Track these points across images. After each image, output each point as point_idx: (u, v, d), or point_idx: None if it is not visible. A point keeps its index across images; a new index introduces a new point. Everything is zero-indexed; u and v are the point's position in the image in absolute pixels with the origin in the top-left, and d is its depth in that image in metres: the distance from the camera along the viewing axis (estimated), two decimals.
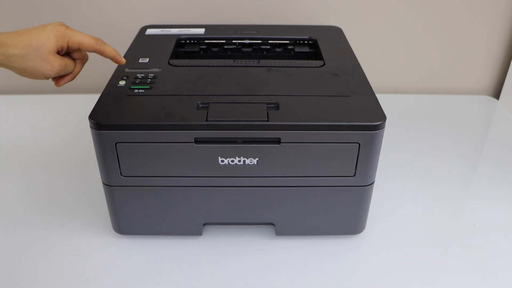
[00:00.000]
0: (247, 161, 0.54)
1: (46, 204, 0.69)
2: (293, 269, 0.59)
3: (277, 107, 0.54)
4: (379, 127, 0.53)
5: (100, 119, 0.52)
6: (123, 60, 0.59)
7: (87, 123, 0.53)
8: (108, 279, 0.57)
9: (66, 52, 0.55)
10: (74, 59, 0.56)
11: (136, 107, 0.54)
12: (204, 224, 0.63)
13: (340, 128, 0.52)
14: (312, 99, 0.56)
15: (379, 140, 0.54)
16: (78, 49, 0.55)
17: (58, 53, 0.53)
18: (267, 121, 0.52)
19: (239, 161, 0.54)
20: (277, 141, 0.53)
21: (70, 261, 0.60)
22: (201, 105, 0.54)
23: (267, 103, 0.55)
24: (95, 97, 0.56)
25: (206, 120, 0.52)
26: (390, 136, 0.77)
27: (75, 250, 0.61)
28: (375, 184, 0.59)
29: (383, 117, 0.53)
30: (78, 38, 0.53)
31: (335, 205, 0.59)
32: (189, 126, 0.51)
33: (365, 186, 0.58)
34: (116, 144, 0.52)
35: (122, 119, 0.52)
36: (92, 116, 0.52)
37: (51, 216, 0.66)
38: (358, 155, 0.54)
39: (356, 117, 0.53)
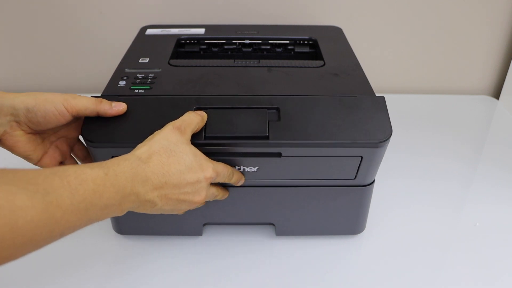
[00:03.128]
0: (247, 169, 0.54)
1: None
2: (293, 269, 0.59)
3: (278, 115, 0.52)
4: (384, 143, 0.51)
5: (93, 137, 0.51)
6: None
7: None
8: (108, 279, 0.57)
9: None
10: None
11: (129, 122, 0.52)
12: (204, 224, 0.63)
13: (343, 145, 0.51)
14: (315, 105, 0.53)
15: (383, 151, 0.53)
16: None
17: None
18: (268, 137, 0.50)
19: (239, 169, 0.54)
20: (278, 155, 0.52)
21: (69, 261, 0.60)
22: None
23: (268, 108, 0.53)
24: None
25: (204, 138, 0.51)
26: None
27: (75, 250, 0.61)
28: (375, 184, 0.59)
29: (389, 132, 0.51)
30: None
31: (335, 205, 0.59)
32: None
33: (365, 186, 0.58)
34: (113, 156, 0.52)
35: (115, 137, 0.51)
36: (84, 134, 0.51)
37: None
38: (360, 164, 0.54)
39: (361, 134, 0.51)
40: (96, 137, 0.51)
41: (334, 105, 0.54)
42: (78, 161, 0.59)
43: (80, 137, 0.57)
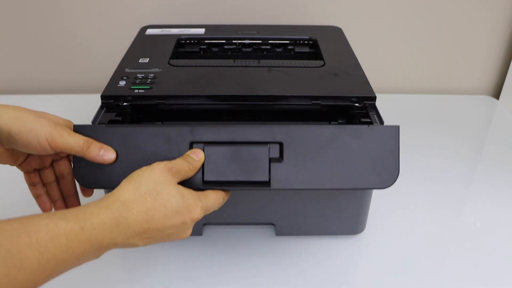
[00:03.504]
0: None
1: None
2: (293, 269, 0.59)
3: (280, 152, 0.49)
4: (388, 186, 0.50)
5: (86, 183, 0.50)
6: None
7: (87, 123, 0.53)
8: (108, 279, 0.57)
9: None
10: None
11: (121, 160, 0.49)
12: (204, 224, 0.63)
13: (346, 190, 0.51)
14: (320, 139, 0.49)
15: None
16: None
17: None
18: (269, 183, 0.49)
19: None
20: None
21: None
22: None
23: (270, 143, 0.49)
24: (95, 97, 0.56)
25: (203, 184, 0.49)
26: None
27: None
28: None
29: (395, 176, 0.50)
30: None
31: (335, 205, 0.59)
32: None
33: None
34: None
35: (108, 181, 0.49)
36: (76, 176, 0.50)
37: None
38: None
39: (366, 179, 0.49)
40: (89, 182, 0.50)
41: (342, 139, 0.49)
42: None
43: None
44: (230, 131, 0.49)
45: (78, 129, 0.49)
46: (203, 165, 0.48)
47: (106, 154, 0.48)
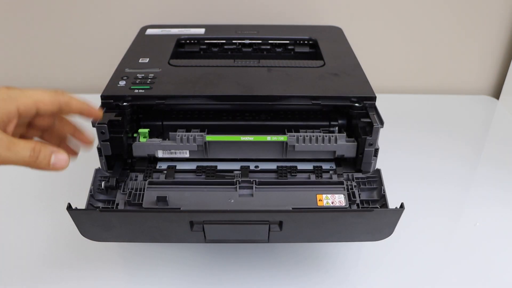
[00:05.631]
0: None
1: (46, 204, 0.69)
2: (293, 269, 0.59)
3: (280, 227, 0.49)
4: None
5: (91, 238, 0.51)
6: (99, 114, 0.47)
7: (87, 123, 0.53)
8: (108, 279, 0.57)
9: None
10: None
11: (125, 222, 0.50)
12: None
13: None
14: (324, 221, 0.49)
15: None
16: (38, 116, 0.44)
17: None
18: (268, 240, 0.50)
19: None
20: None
21: (69, 260, 0.60)
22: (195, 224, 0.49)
23: (270, 222, 0.49)
24: (95, 97, 0.56)
25: (205, 241, 0.50)
26: (390, 136, 0.76)
27: (76, 250, 0.61)
28: None
29: (390, 234, 0.51)
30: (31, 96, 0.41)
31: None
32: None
33: None
34: None
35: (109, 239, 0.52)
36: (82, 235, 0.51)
37: (49, 217, 0.66)
38: None
39: (360, 238, 0.53)
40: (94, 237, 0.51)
41: (343, 219, 0.50)
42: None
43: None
44: (231, 215, 0.49)
45: (73, 214, 0.46)
46: (203, 229, 0.48)
47: (58, 162, 0.41)
